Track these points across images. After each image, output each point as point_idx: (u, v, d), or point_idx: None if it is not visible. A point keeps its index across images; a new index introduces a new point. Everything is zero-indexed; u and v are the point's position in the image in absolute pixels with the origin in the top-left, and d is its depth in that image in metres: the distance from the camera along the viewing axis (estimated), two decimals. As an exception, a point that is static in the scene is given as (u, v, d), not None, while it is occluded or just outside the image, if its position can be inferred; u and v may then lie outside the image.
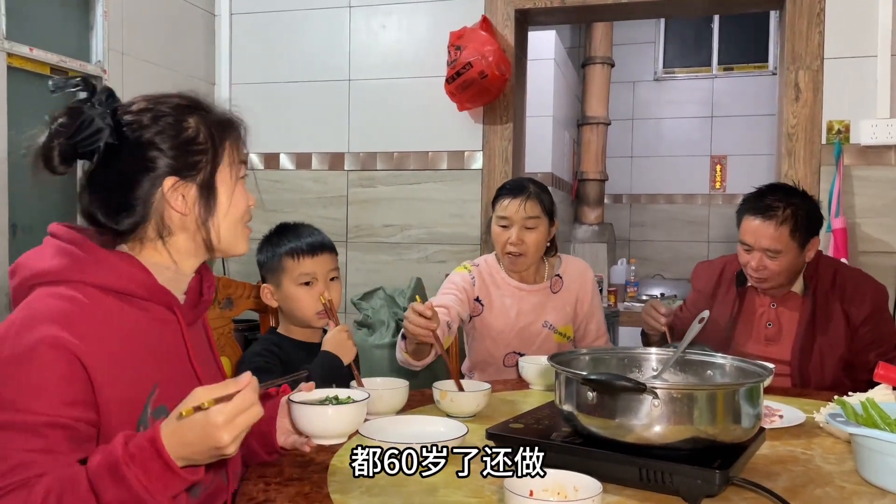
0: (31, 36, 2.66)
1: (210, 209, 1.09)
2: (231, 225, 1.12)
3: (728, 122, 6.19)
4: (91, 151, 1.02)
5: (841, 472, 1.23)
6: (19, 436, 0.90)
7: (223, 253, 1.13)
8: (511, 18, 3.23)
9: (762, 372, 1.23)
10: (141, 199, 1.05)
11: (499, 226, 2.13)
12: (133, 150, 1.04)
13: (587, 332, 2.26)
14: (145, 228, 1.07)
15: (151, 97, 1.09)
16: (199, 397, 0.91)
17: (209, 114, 1.11)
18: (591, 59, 5.77)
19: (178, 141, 1.06)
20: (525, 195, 2.10)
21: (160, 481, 0.89)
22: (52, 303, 0.97)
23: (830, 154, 2.88)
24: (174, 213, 1.07)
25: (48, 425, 0.91)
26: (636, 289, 5.68)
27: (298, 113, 3.49)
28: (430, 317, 1.66)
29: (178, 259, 1.11)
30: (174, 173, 1.06)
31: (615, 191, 6.40)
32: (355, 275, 3.46)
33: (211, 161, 1.08)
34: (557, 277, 2.24)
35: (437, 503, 1.08)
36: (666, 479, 1.07)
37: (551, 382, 1.80)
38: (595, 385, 1.12)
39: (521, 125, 3.47)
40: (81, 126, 1.01)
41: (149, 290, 1.07)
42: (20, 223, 2.66)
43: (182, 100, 1.10)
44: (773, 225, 1.95)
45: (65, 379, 0.93)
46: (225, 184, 1.10)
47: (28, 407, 0.90)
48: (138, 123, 1.05)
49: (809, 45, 2.91)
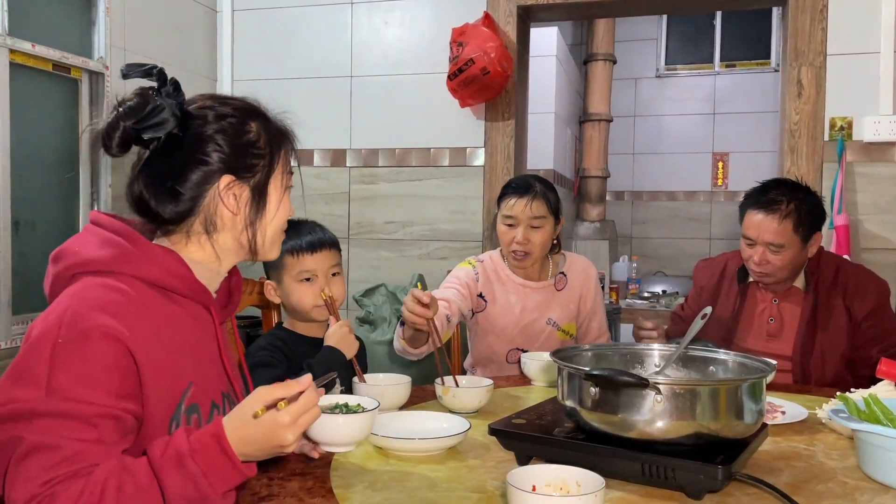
0: (33, 32, 2.66)
1: (259, 212, 1.10)
2: (276, 230, 1.14)
3: (730, 119, 6.18)
4: (151, 139, 1.04)
5: (843, 467, 1.23)
6: (72, 425, 0.90)
7: (261, 256, 1.14)
8: (513, 15, 3.22)
9: (765, 368, 1.23)
10: (190, 191, 1.06)
11: (504, 224, 2.13)
12: (192, 143, 1.06)
13: (589, 330, 2.27)
14: (193, 222, 1.08)
15: (216, 96, 1.11)
16: (262, 397, 0.94)
17: (269, 122, 1.13)
18: (593, 55, 5.77)
19: (239, 142, 1.08)
20: (531, 194, 2.10)
21: (222, 475, 0.92)
22: (103, 293, 0.97)
23: (833, 151, 2.88)
24: (225, 210, 1.08)
25: (101, 416, 0.91)
26: (638, 286, 5.68)
27: (300, 109, 3.44)
28: (428, 304, 1.66)
29: (222, 256, 1.12)
30: (231, 172, 1.07)
31: (617, 188, 6.39)
32: (357, 271, 3.46)
33: (267, 167, 1.10)
34: (562, 275, 2.24)
35: (440, 498, 1.08)
36: (668, 474, 1.08)
37: (553, 379, 1.81)
38: (598, 381, 1.12)
39: (523, 122, 3.47)
40: (152, 112, 1.02)
41: (190, 287, 1.08)
42: (22, 219, 2.66)
43: (245, 104, 1.12)
44: (777, 219, 1.95)
45: (117, 370, 0.94)
46: (276, 190, 1.12)
47: (82, 396, 0.90)
48: (202, 118, 1.07)
49: (812, 41, 2.91)
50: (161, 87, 1.05)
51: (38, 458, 0.88)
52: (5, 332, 2.55)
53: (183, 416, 1.02)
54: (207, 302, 1.12)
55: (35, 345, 0.93)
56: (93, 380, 0.92)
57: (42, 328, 0.94)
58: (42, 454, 0.88)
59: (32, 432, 0.88)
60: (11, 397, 0.90)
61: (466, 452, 1.29)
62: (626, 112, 6.37)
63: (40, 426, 0.89)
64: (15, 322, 2.61)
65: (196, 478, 0.90)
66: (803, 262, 2.04)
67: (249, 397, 0.96)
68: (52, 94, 2.82)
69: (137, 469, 0.91)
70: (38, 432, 0.88)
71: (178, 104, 1.05)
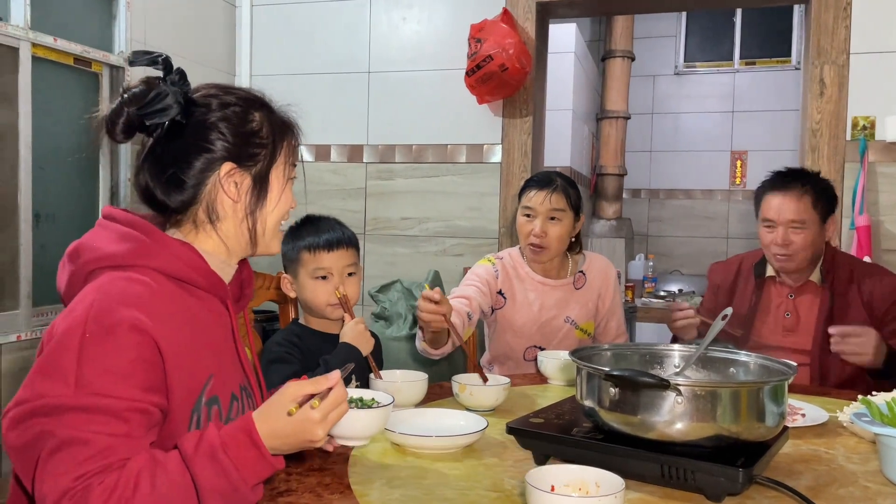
0: (55, 26, 2.68)
1: (260, 201, 1.10)
2: (276, 221, 1.14)
3: (749, 117, 6.13)
4: (155, 125, 1.05)
5: (865, 471, 1.22)
6: (102, 419, 0.90)
7: (263, 249, 1.14)
8: (532, 11, 3.21)
9: (787, 370, 1.22)
10: (194, 178, 1.07)
11: (523, 216, 2.15)
12: (196, 130, 1.06)
13: (607, 330, 2.26)
14: (197, 210, 1.08)
15: (220, 85, 1.12)
16: (293, 394, 0.97)
17: (272, 112, 1.13)
18: (611, 52, 5.74)
19: (242, 130, 1.08)
20: (552, 187, 2.11)
21: (253, 468, 0.93)
22: (127, 286, 0.98)
23: (855, 150, 2.85)
24: (226, 198, 1.08)
25: (130, 410, 0.92)
26: (654, 284, 5.65)
27: (318, 105, 3.49)
28: (439, 301, 1.67)
29: (229, 245, 1.12)
30: (232, 160, 1.07)
31: (634, 185, 6.36)
32: (373, 267, 3.46)
33: (269, 156, 1.10)
34: (581, 274, 2.24)
35: (457, 496, 1.08)
36: (688, 476, 1.07)
37: (571, 378, 1.80)
38: (618, 381, 1.12)
39: (541, 119, 3.46)
40: (155, 98, 1.03)
41: (207, 279, 1.08)
42: (43, 212, 2.69)
43: (249, 94, 1.12)
44: (796, 196, 1.99)
45: (144, 362, 0.94)
46: (278, 181, 1.12)
47: (111, 391, 0.91)
48: (206, 106, 1.07)
49: (835, 39, 2.87)
50: (166, 75, 1.06)
51: (69, 453, 0.88)
52: (26, 323, 2.58)
53: (203, 409, 1.02)
54: (224, 294, 1.12)
55: (62, 340, 0.93)
56: (121, 373, 0.92)
57: (68, 323, 0.94)
58: (73, 449, 0.88)
59: (63, 427, 0.88)
60: (40, 392, 0.90)
61: (483, 451, 1.28)
62: (643, 109, 6.33)
63: (70, 421, 0.89)
64: (35, 314, 2.64)
65: (228, 471, 0.91)
66: (821, 248, 2.05)
67: (279, 393, 0.98)
68: (74, 88, 2.84)
69: (169, 463, 0.92)
70: (69, 427, 0.89)
71: (182, 92, 1.05)
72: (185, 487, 0.91)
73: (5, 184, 2.54)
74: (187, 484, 0.91)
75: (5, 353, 2.48)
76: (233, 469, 0.92)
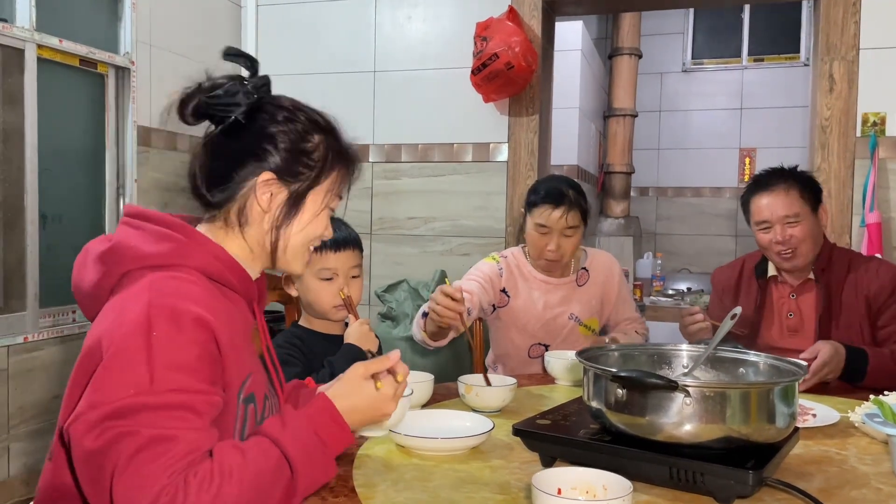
0: (60, 28, 2.68)
1: (289, 218, 1.10)
2: (300, 242, 1.13)
3: (758, 114, 6.09)
4: (220, 118, 1.07)
5: (877, 473, 1.20)
6: (184, 415, 0.89)
7: (283, 265, 1.14)
8: (538, 9, 3.19)
9: (797, 371, 1.20)
10: (236, 178, 1.08)
11: (537, 232, 2.12)
12: (253, 134, 1.08)
13: (621, 320, 2.29)
14: (231, 209, 1.09)
15: (297, 103, 1.14)
16: (363, 373, 1.07)
17: (336, 140, 1.15)
18: (618, 49, 5.71)
19: (296, 147, 1.09)
20: (566, 204, 2.07)
21: (337, 441, 1.01)
22: (179, 284, 0.98)
23: (865, 147, 2.82)
24: (256, 205, 1.08)
25: (205, 403, 0.92)
26: (662, 283, 5.63)
27: (323, 105, 3.43)
28: (459, 300, 1.68)
29: (256, 252, 1.12)
30: (275, 171, 1.08)
31: (641, 184, 6.33)
32: (379, 267, 3.46)
33: (312, 178, 1.10)
34: (584, 271, 2.24)
35: (463, 498, 1.06)
36: (697, 478, 1.05)
37: (578, 378, 1.79)
38: (625, 382, 1.10)
39: (548, 117, 3.44)
40: (227, 92, 1.05)
41: (241, 282, 1.09)
42: (49, 213, 2.69)
43: (320, 117, 1.15)
44: (782, 192, 2.01)
45: (211, 357, 0.95)
46: (314, 204, 1.12)
47: (187, 386, 0.91)
48: (271, 116, 1.09)
49: (845, 35, 2.84)
50: (250, 76, 1.09)
51: (157, 451, 0.87)
52: (33, 324, 2.58)
53: (241, 406, 1.03)
54: (253, 296, 1.13)
55: (127, 341, 0.91)
56: (192, 368, 0.92)
57: (129, 323, 0.92)
58: (161, 447, 0.87)
59: (145, 426, 0.87)
60: (114, 395, 0.88)
61: (490, 452, 1.27)
62: (651, 107, 6.30)
63: (152, 420, 0.88)
64: (42, 315, 2.64)
65: (319, 446, 0.98)
66: (820, 238, 2.04)
67: (350, 372, 1.08)
68: (79, 89, 2.85)
69: (257, 446, 0.94)
70: (152, 426, 0.87)
71: (255, 96, 1.07)
72: (278, 466, 0.93)
73: (12, 185, 2.54)
74: (280, 464, 0.94)
75: (13, 355, 2.48)
76: (321, 444, 0.98)
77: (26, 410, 2.51)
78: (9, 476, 2.48)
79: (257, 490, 0.91)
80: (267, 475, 0.92)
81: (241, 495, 0.89)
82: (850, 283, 2.00)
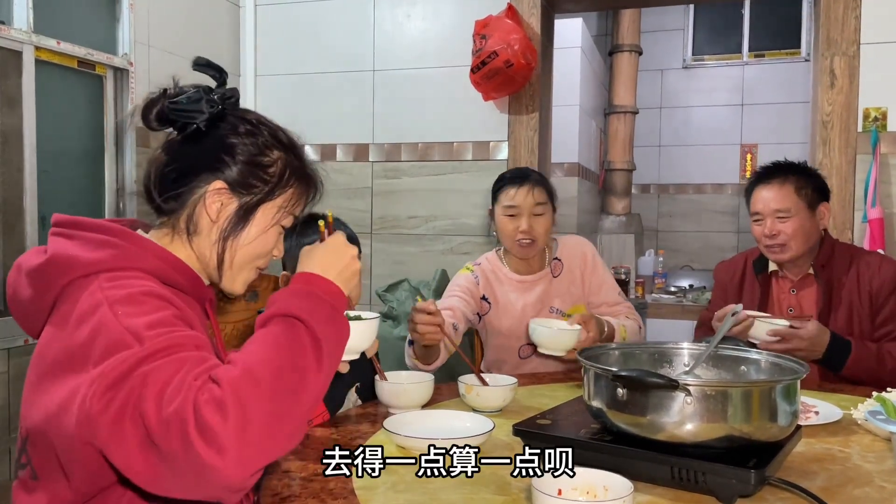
0: (58, 29, 2.67)
1: (236, 231, 1.08)
2: (245, 257, 1.11)
3: (759, 110, 6.07)
4: (183, 124, 1.06)
5: (881, 471, 1.19)
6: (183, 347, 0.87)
7: (226, 282, 1.12)
8: (537, 6, 3.18)
9: (799, 369, 1.19)
10: (190, 187, 1.07)
11: (506, 216, 2.12)
12: (212, 144, 1.07)
13: (603, 302, 2.20)
14: (179, 217, 1.08)
15: (264, 119, 1.12)
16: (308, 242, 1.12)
17: (296, 160, 1.13)
18: (618, 46, 5.70)
19: (251, 160, 1.08)
20: (531, 182, 2.10)
21: (325, 291, 0.99)
22: (129, 280, 0.96)
23: (867, 142, 2.80)
24: (205, 214, 1.07)
25: (197, 339, 0.90)
26: (664, 280, 5.62)
27: (323, 104, 3.48)
28: (434, 312, 1.67)
29: (202, 261, 1.10)
30: (227, 181, 1.07)
31: (643, 181, 6.31)
32: (380, 266, 3.45)
33: (264, 193, 1.09)
34: (556, 261, 2.23)
35: (463, 500, 1.06)
36: (699, 478, 1.05)
37: (565, 347, 1.80)
38: (626, 381, 1.09)
39: (548, 115, 3.43)
40: (188, 99, 1.05)
41: (190, 282, 1.07)
42: (49, 214, 2.68)
43: (283, 135, 1.13)
44: (777, 186, 2.02)
45: (180, 318, 0.94)
46: (264, 219, 1.10)
47: (173, 332, 0.89)
48: (233, 127, 1.08)
49: (845, 30, 2.83)
50: (217, 87, 1.08)
51: (170, 372, 0.83)
52: (33, 327, 2.58)
53: None
54: (204, 296, 1.11)
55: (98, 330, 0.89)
56: (170, 322, 0.91)
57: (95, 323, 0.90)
58: (172, 366, 0.83)
59: (154, 371, 0.83)
60: (110, 366, 0.84)
61: (490, 453, 1.26)
62: (652, 104, 6.29)
63: (156, 364, 0.84)
64: (42, 317, 2.64)
65: (311, 297, 0.95)
66: (815, 236, 2.03)
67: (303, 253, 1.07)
68: (78, 91, 2.84)
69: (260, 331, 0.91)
70: (158, 369, 0.83)
71: (218, 106, 1.06)
72: (288, 324, 0.90)
73: (11, 187, 2.53)
74: (288, 322, 0.91)
75: (13, 357, 2.48)
76: (313, 295, 0.96)
77: (27, 413, 2.51)
78: (10, 478, 2.48)
79: (279, 347, 0.88)
80: (282, 336, 0.89)
81: (268, 359, 0.86)
82: (852, 278, 2.00)
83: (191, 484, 0.81)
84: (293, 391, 0.85)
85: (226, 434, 0.78)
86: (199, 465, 0.78)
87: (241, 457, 0.79)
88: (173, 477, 0.81)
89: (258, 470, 0.82)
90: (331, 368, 0.92)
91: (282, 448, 0.85)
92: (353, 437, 1.38)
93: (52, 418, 0.91)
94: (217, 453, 0.77)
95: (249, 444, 0.79)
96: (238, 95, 1.11)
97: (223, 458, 0.77)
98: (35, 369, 0.99)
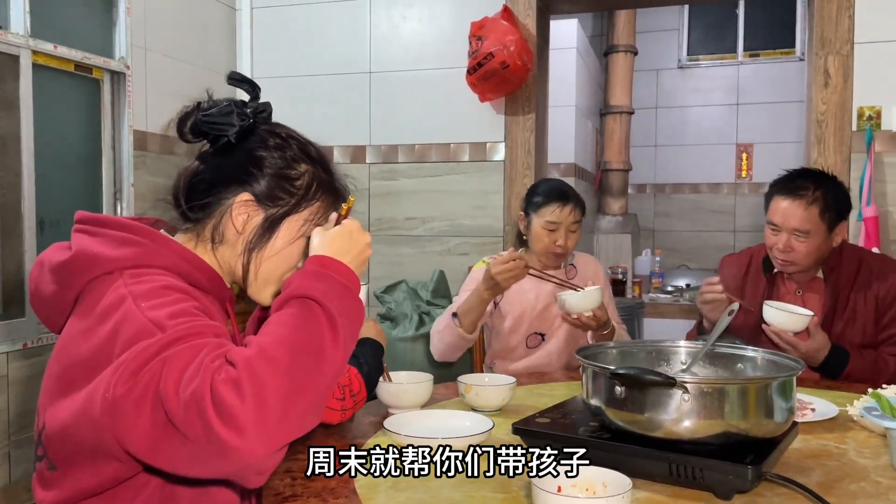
0: (55, 33, 2.68)
1: (262, 243, 1.09)
2: (272, 268, 1.11)
3: (754, 110, 6.09)
4: (216, 136, 1.08)
5: (876, 466, 1.20)
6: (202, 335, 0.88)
7: (253, 292, 1.13)
8: (533, 7, 3.19)
9: (794, 365, 1.20)
10: (218, 198, 1.08)
11: (546, 229, 2.23)
12: (242, 156, 1.09)
13: None
14: (205, 225, 1.09)
15: (294, 133, 1.14)
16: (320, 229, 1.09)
17: (324, 173, 1.14)
18: (613, 47, 5.71)
19: (280, 173, 1.09)
20: (572, 203, 2.23)
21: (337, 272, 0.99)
22: (152, 277, 0.98)
23: (861, 141, 2.82)
24: (231, 226, 1.08)
25: (216, 329, 0.92)
26: (661, 280, 5.63)
27: (320, 106, 3.49)
28: (516, 256, 1.97)
29: (225, 269, 1.11)
30: (254, 193, 1.08)
31: (639, 181, 6.33)
32: (378, 268, 3.46)
33: (292, 206, 1.10)
34: (571, 266, 2.34)
35: (463, 498, 1.07)
36: (697, 474, 1.06)
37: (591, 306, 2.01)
38: (623, 379, 1.10)
39: (544, 115, 3.44)
40: (219, 112, 1.07)
41: (211, 282, 1.08)
42: (47, 218, 2.69)
43: (313, 149, 1.14)
44: (804, 205, 1.93)
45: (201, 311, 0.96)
46: (289, 232, 1.10)
47: (194, 320, 0.90)
48: (262, 141, 1.10)
49: (839, 29, 2.85)
50: (250, 101, 1.11)
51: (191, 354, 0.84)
52: (33, 330, 2.58)
53: None
54: (225, 297, 1.12)
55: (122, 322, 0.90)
56: (191, 313, 0.92)
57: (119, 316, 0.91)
58: (191, 351, 0.84)
59: (172, 356, 0.84)
60: (133, 355, 0.85)
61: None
62: (647, 104, 6.31)
63: (175, 351, 0.85)
64: (41, 321, 2.64)
65: (324, 277, 0.95)
66: (827, 252, 2.02)
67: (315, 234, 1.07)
68: (75, 95, 2.84)
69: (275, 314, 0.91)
70: (177, 353, 0.84)
71: (249, 119, 1.08)
72: (304, 305, 0.91)
73: (9, 192, 2.54)
74: (304, 303, 0.91)
75: (12, 361, 2.48)
76: (325, 275, 0.96)
77: (26, 416, 2.51)
78: (10, 482, 2.48)
79: (294, 327, 0.88)
80: (297, 316, 0.90)
81: (283, 338, 0.86)
82: (860, 282, 1.99)
83: (213, 464, 0.81)
84: (310, 368, 0.86)
85: (243, 413, 0.78)
86: (220, 444, 0.78)
87: (260, 435, 0.79)
88: (196, 458, 0.81)
89: (280, 448, 0.82)
90: (347, 346, 0.92)
91: (301, 426, 0.85)
92: (353, 437, 1.39)
93: (79, 412, 0.91)
94: (236, 432, 0.78)
95: (268, 423, 0.80)
96: (270, 109, 1.12)
97: (242, 437, 0.78)
98: (57, 362, 0.99)
